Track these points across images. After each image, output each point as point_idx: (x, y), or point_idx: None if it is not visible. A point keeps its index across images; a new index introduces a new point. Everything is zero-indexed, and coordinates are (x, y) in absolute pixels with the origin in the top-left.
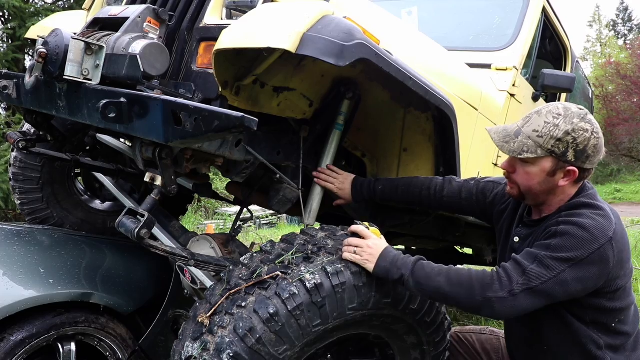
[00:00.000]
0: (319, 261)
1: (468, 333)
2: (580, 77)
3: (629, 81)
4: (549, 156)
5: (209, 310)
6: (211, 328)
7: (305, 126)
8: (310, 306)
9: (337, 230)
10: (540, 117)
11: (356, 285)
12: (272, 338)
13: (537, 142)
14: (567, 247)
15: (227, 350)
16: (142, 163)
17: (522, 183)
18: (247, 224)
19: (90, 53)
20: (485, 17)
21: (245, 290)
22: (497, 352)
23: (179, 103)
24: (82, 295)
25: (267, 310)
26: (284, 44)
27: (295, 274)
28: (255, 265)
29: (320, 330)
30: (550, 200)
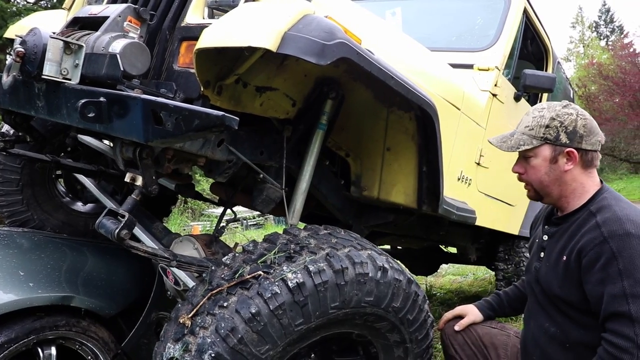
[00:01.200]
0: (301, 260)
1: (478, 325)
2: (562, 77)
3: (610, 82)
4: (545, 144)
5: (191, 311)
6: (193, 329)
7: (288, 126)
8: (293, 305)
9: (320, 230)
10: (528, 115)
11: (338, 283)
12: (254, 338)
13: (530, 134)
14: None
15: (208, 350)
16: (122, 163)
17: (533, 179)
18: (234, 225)
19: (69, 52)
20: (467, 18)
21: (227, 290)
22: (505, 348)
23: (158, 102)
24: (63, 298)
25: (248, 310)
26: (265, 43)
27: (277, 274)
28: (237, 265)
29: (302, 330)
30: (565, 191)
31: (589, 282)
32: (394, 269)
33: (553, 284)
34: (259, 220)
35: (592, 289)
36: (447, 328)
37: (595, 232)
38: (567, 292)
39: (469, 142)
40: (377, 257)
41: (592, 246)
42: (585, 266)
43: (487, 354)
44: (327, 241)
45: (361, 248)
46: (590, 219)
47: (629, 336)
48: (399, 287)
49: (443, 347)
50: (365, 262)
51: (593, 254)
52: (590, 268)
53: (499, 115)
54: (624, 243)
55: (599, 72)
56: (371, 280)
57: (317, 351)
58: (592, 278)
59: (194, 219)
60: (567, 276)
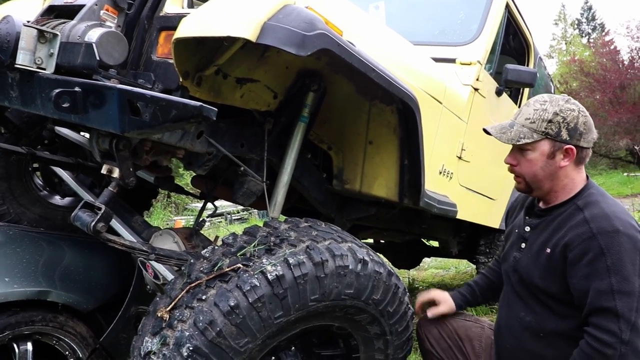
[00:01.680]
0: (281, 253)
1: (453, 318)
2: (543, 73)
3: (591, 78)
4: (545, 138)
5: (169, 304)
6: (171, 322)
7: (269, 118)
8: (272, 298)
9: (301, 222)
10: (529, 107)
11: (318, 276)
12: (232, 331)
13: (531, 127)
14: (622, 258)
15: (186, 344)
16: (98, 155)
17: (527, 172)
18: (218, 219)
19: (43, 41)
20: (450, 13)
21: (206, 283)
22: (480, 340)
23: (135, 92)
24: (39, 293)
25: (227, 303)
26: (244, 33)
27: (256, 266)
28: (216, 258)
29: (282, 322)
30: (556, 185)
31: (575, 276)
32: (374, 262)
33: (534, 275)
34: (243, 215)
35: (577, 282)
36: (422, 322)
37: (583, 227)
38: (549, 284)
39: (451, 135)
40: (357, 250)
41: (580, 241)
42: (572, 260)
43: (462, 346)
44: (307, 234)
45: (341, 241)
46: (577, 214)
47: (614, 331)
48: (379, 279)
49: (419, 341)
50: (346, 255)
51: (580, 249)
52: (576, 262)
53: (480, 109)
54: (613, 240)
55: (581, 69)
56: (351, 273)
57: (298, 344)
58: (578, 272)
59: (177, 213)
60: (550, 268)
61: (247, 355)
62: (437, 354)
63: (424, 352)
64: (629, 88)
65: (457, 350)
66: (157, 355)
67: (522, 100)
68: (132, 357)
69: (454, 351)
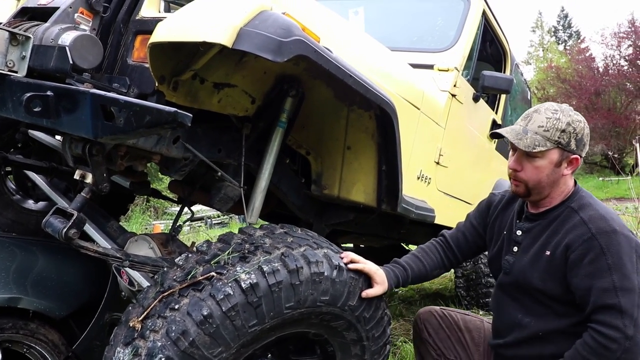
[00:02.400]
0: (255, 260)
1: (453, 311)
2: (519, 79)
3: (568, 85)
4: (556, 147)
5: (141, 313)
6: (143, 332)
7: (247, 123)
8: (246, 306)
9: (276, 229)
10: (540, 114)
11: (293, 283)
12: (206, 340)
13: (545, 135)
14: (622, 257)
15: (158, 354)
16: (71, 160)
17: (531, 178)
18: (198, 223)
19: (15, 44)
20: (428, 19)
21: (179, 292)
22: (479, 332)
23: (108, 97)
24: (9, 300)
25: (200, 312)
26: (220, 39)
27: (230, 274)
28: (190, 266)
29: (257, 331)
30: (554, 192)
31: (576, 276)
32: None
33: (532, 277)
34: (223, 219)
35: (579, 282)
36: (421, 313)
37: (582, 228)
38: (550, 286)
39: (429, 141)
40: (332, 256)
41: (581, 242)
42: (573, 261)
43: (461, 337)
44: (282, 240)
45: (317, 247)
46: (572, 216)
47: (618, 327)
48: (356, 285)
49: (415, 332)
50: (321, 261)
51: (581, 249)
52: (578, 262)
53: (458, 115)
54: (611, 239)
55: (557, 76)
56: (327, 279)
57: (274, 351)
58: (580, 272)
59: (156, 218)
60: (551, 270)
61: None
62: (435, 344)
63: (419, 342)
64: (604, 94)
65: (456, 341)
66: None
67: (499, 106)
68: None
69: (452, 341)
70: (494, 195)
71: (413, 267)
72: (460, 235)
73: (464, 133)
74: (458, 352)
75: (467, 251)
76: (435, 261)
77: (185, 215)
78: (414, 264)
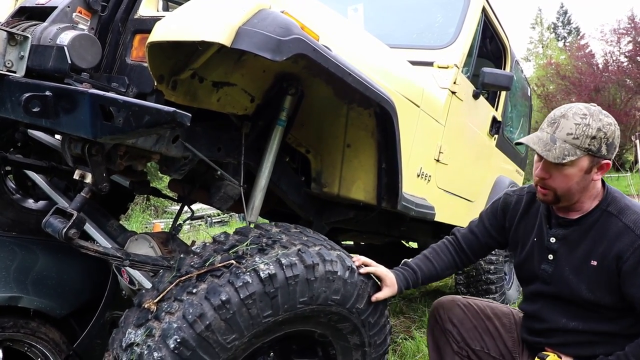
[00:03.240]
0: (273, 253)
1: (477, 299)
2: (520, 76)
3: (567, 81)
4: (586, 155)
5: (157, 296)
6: (158, 314)
7: (247, 122)
8: (263, 296)
9: (291, 227)
10: (569, 120)
11: (309, 279)
12: (222, 326)
13: (574, 143)
14: None
15: (174, 336)
16: (71, 160)
17: (560, 186)
18: (198, 222)
19: (14, 44)
20: (428, 16)
21: (197, 277)
22: (509, 317)
23: (107, 97)
24: (10, 299)
25: (218, 297)
26: (219, 38)
27: (249, 264)
28: (207, 254)
29: (270, 322)
30: (583, 197)
31: (634, 285)
32: None
33: (580, 289)
34: (223, 218)
35: (637, 291)
36: (444, 303)
37: (629, 235)
38: (600, 296)
39: (429, 139)
40: (345, 258)
41: (632, 250)
42: (627, 271)
43: (489, 325)
44: (298, 238)
45: (331, 248)
46: (613, 221)
47: None
48: (364, 289)
49: (435, 322)
50: (335, 261)
51: (634, 258)
52: (632, 272)
53: (458, 112)
54: None
55: (557, 72)
56: (339, 279)
57: (277, 350)
58: (637, 281)
59: (156, 216)
60: (600, 281)
61: (232, 353)
62: (459, 335)
63: (439, 333)
64: (604, 91)
65: (483, 330)
66: (141, 347)
67: (499, 103)
68: (111, 350)
69: (479, 331)
70: (510, 195)
71: (423, 269)
72: (472, 236)
73: (464, 130)
74: (485, 342)
75: (478, 251)
76: (447, 261)
77: (185, 214)
78: (424, 265)
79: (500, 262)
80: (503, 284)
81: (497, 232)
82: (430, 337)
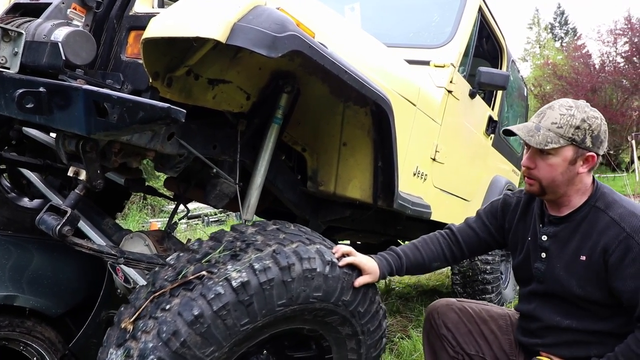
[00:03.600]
0: (246, 258)
1: (472, 302)
2: (516, 76)
3: (564, 81)
4: (570, 145)
5: (133, 314)
6: (134, 334)
7: (242, 120)
8: (237, 305)
9: (268, 225)
10: (554, 110)
11: (285, 280)
12: (197, 340)
13: (558, 132)
14: None
15: (150, 356)
16: (65, 157)
17: (545, 176)
18: (195, 221)
19: (7, 40)
20: (424, 15)
21: (170, 291)
22: (505, 319)
23: (101, 93)
24: (5, 297)
25: (191, 312)
26: (214, 34)
27: (221, 273)
28: (181, 265)
29: (249, 329)
30: (570, 190)
31: (620, 277)
32: None
33: (570, 284)
34: (220, 216)
35: (624, 283)
36: (437, 307)
37: (615, 229)
38: (590, 291)
39: (425, 137)
40: (325, 252)
41: (617, 243)
42: (614, 263)
43: (485, 329)
44: (274, 237)
45: (310, 243)
46: (601, 216)
47: None
48: (349, 280)
49: (430, 327)
50: (313, 257)
51: (619, 251)
52: (619, 264)
53: (454, 111)
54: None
55: (554, 72)
56: (319, 275)
57: (269, 348)
58: (623, 273)
59: (153, 216)
60: (589, 275)
61: None
62: (454, 340)
63: (434, 337)
64: (600, 91)
65: (478, 334)
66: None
67: (496, 102)
68: None
69: (474, 336)
70: (510, 197)
71: (409, 256)
72: (470, 231)
73: (461, 129)
74: (480, 346)
75: (475, 247)
76: (436, 253)
77: (182, 213)
78: (411, 252)
79: (496, 262)
80: (499, 284)
81: (497, 232)
82: (426, 342)
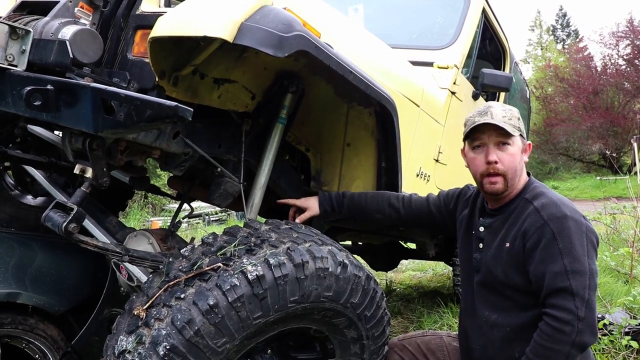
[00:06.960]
0: (261, 253)
1: (412, 339)
2: (519, 78)
3: (566, 84)
4: (519, 135)
5: (146, 302)
6: (147, 321)
7: (247, 119)
8: (251, 298)
9: (281, 224)
10: (496, 108)
11: (298, 277)
12: (211, 330)
13: (510, 123)
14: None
15: (163, 343)
16: (71, 154)
17: (509, 167)
18: (196, 220)
19: (15, 37)
20: (428, 16)
21: (185, 282)
22: (442, 350)
23: (108, 91)
24: (8, 295)
25: (206, 302)
26: (221, 34)
27: (237, 266)
28: (195, 257)
29: (260, 323)
30: (518, 182)
31: (532, 263)
32: (353, 265)
33: (497, 270)
34: (221, 216)
35: (534, 268)
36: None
37: (535, 216)
38: (512, 276)
39: (428, 138)
40: (337, 253)
41: (534, 229)
42: (529, 248)
43: None
44: (288, 235)
45: (322, 243)
46: (527, 206)
47: (570, 309)
48: (358, 282)
49: None
50: (326, 257)
51: (535, 236)
52: (533, 249)
53: (457, 113)
54: (562, 224)
55: (555, 75)
56: (331, 275)
57: (274, 347)
58: (534, 258)
59: (154, 214)
60: (511, 260)
61: (224, 356)
62: None
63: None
64: (602, 94)
65: None
66: (132, 354)
67: None
68: (105, 357)
69: None
70: (468, 188)
71: (354, 197)
72: (425, 201)
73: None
74: None
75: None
76: (381, 205)
77: (183, 212)
78: (357, 195)
79: None
80: None
81: (448, 215)
82: None
